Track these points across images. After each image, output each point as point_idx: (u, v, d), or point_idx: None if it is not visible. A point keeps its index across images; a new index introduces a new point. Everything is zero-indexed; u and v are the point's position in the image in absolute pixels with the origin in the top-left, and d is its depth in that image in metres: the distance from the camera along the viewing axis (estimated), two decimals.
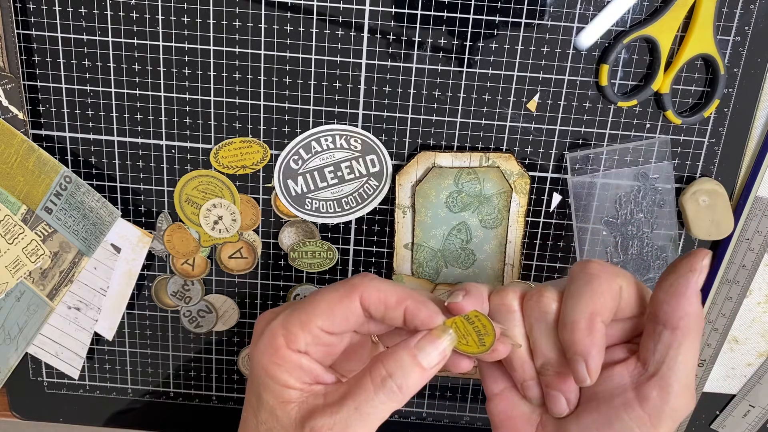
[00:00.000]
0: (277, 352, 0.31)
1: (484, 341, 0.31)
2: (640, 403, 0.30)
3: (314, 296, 0.32)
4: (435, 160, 0.43)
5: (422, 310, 0.31)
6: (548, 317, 0.32)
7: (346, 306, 0.31)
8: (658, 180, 0.43)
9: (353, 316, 0.32)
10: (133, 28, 0.41)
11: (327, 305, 0.32)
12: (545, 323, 0.32)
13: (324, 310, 0.31)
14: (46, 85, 0.43)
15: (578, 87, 0.42)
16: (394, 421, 0.51)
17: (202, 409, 0.51)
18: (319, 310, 0.31)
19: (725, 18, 0.40)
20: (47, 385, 0.51)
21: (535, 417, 0.34)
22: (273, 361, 0.31)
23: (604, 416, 0.31)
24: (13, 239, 0.43)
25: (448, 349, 0.31)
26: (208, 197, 0.45)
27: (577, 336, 0.30)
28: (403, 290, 0.32)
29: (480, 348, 0.31)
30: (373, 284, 0.32)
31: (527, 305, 0.33)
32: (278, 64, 0.42)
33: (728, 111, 0.42)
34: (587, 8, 0.40)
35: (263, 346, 0.32)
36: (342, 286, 0.32)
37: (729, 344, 0.48)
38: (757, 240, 0.44)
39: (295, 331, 0.31)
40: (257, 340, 0.32)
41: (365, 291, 0.32)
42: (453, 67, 0.41)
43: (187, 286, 0.48)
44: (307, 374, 0.31)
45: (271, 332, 0.32)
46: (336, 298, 0.32)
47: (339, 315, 0.31)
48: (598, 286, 0.31)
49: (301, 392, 0.31)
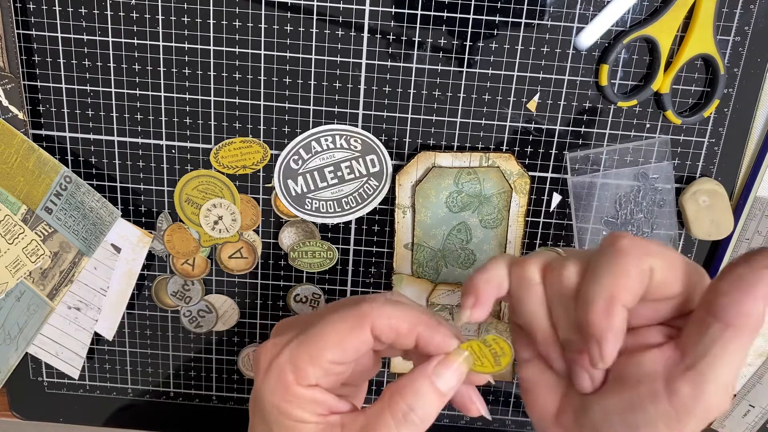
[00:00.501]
0: (288, 389, 0.30)
1: (500, 361, 0.30)
2: (669, 396, 0.28)
3: (322, 326, 0.31)
4: (435, 160, 0.43)
5: (435, 336, 0.30)
6: (569, 292, 0.30)
7: (356, 337, 0.30)
8: (658, 180, 0.43)
9: (364, 346, 0.30)
10: (133, 28, 0.41)
11: (337, 337, 0.30)
12: (566, 299, 0.30)
13: (334, 343, 0.30)
14: (46, 85, 0.43)
15: (578, 87, 0.42)
16: None
17: (202, 409, 0.51)
18: (329, 342, 0.30)
19: (725, 18, 0.40)
20: (47, 385, 0.51)
21: (561, 388, 0.32)
22: (284, 399, 0.30)
23: (627, 402, 0.29)
24: (13, 239, 0.43)
25: (464, 373, 0.30)
26: (208, 197, 0.45)
27: (593, 317, 0.28)
28: (414, 315, 0.31)
29: (495, 368, 0.30)
30: (384, 311, 0.30)
31: (549, 277, 0.31)
32: (278, 64, 0.42)
33: (728, 111, 0.42)
34: (587, 8, 0.40)
35: (272, 385, 0.30)
36: (351, 314, 0.30)
37: None
38: (757, 240, 0.44)
39: (304, 367, 0.30)
40: (264, 377, 0.31)
41: (376, 319, 0.30)
42: (453, 67, 0.41)
43: (187, 286, 0.48)
44: (321, 406, 0.30)
45: (279, 369, 0.30)
46: (345, 329, 0.30)
47: (350, 347, 0.30)
48: (624, 265, 0.28)
49: (317, 425, 0.30)
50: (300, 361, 0.30)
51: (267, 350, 0.31)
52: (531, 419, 0.33)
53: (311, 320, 0.31)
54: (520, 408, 0.50)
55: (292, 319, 0.34)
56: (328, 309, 0.32)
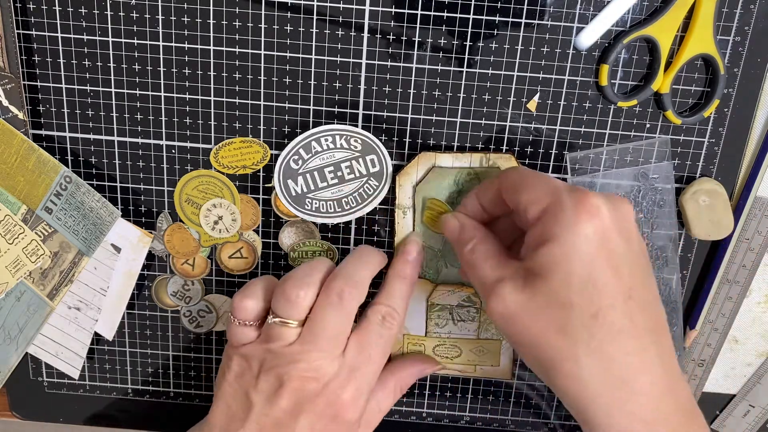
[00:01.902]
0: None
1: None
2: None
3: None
4: (435, 161, 0.43)
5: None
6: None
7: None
8: (658, 180, 0.43)
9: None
10: (133, 28, 0.41)
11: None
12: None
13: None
14: (46, 85, 0.43)
15: (578, 87, 0.42)
16: (394, 421, 0.51)
17: (202, 409, 0.51)
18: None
19: (725, 18, 0.40)
20: (47, 385, 0.51)
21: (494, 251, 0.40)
22: None
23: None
24: (13, 239, 0.43)
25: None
26: (208, 197, 0.45)
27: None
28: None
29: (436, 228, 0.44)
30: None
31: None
32: (278, 64, 0.42)
33: (728, 111, 0.42)
34: (587, 8, 0.40)
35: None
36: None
37: (729, 344, 0.48)
38: (757, 240, 0.44)
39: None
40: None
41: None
42: (453, 67, 0.41)
43: (187, 286, 0.48)
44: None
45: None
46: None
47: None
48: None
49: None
50: None
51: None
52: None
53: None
54: (520, 408, 0.50)
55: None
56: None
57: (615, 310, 0.33)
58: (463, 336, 0.47)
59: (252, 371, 0.39)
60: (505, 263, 0.37)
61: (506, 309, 0.35)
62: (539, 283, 0.34)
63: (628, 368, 0.34)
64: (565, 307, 0.33)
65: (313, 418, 0.38)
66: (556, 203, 0.34)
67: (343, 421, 0.39)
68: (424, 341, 0.47)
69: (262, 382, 0.38)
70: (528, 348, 0.35)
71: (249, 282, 0.41)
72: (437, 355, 0.48)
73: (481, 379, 0.49)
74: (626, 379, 0.33)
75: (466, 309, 0.46)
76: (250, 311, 0.40)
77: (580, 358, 0.33)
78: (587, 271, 0.33)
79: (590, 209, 0.33)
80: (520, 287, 0.35)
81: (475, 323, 0.47)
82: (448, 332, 0.47)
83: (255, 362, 0.39)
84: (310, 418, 0.38)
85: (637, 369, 0.34)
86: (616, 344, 0.33)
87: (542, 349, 0.34)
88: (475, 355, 0.48)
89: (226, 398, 0.40)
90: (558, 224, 0.34)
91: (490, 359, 0.48)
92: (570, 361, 0.34)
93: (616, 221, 0.34)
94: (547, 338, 0.34)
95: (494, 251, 0.38)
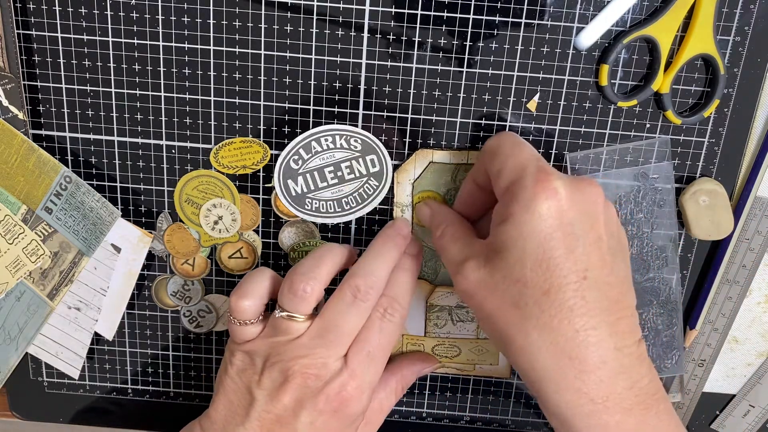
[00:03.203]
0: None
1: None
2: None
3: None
4: (432, 158, 0.43)
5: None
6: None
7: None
8: (658, 180, 0.43)
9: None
10: (133, 28, 0.41)
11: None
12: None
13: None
14: (46, 85, 0.43)
15: (578, 87, 0.42)
16: (394, 421, 0.51)
17: (202, 409, 0.51)
18: None
19: (725, 18, 0.40)
20: (47, 385, 0.51)
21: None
22: None
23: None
24: (13, 239, 0.43)
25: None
26: (208, 197, 0.45)
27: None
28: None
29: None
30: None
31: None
32: (278, 64, 0.42)
33: (728, 111, 0.42)
34: (587, 8, 0.40)
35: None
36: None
37: (729, 344, 0.48)
38: (757, 240, 0.44)
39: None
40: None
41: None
42: (453, 67, 0.41)
43: (187, 286, 0.48)
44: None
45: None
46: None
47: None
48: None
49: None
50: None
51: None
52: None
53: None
54: (520, 408, 0.50)
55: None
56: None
57: (567, 288, 0.34)
58: (462, 336, 0.47)
59: (255, 367, 0.39)
60: (471, 243, 0.38)
61: (468, 285, 0.36)
62: (497, 260, 0.35)
63: (578, 346, 0.34)
64: (519, 283, 0.34)
65: (314, 415, 0.38)
66: (519, 181, 0.35)
67: (344, 418, 0.39)
68: (423, 341, 0.47)
69: (266, 379, 0.38)
70: (487, 322, 0.37)
71: (243, 279, 0.41)
72: (437, 354, 0.48)
73: (481, 379, 0.49)
74: (574, 356, 0.34)
75: (465, 309, 0.46)
76: (249, 312, 0.40)
77: (530, 332, 0.34)
78: (541, 250, 0.34)
79: (547, 190, 0.34)
80: (482, 264, 0.36)
81: (474, 323, 0.47)
82: (447, 332, 0.47)
83: (259, 358, 0.39)
84: (311, 414, 0.38)
85: (586, 347, 0.34)
86: (565, 321, 0.34)
87: (499, 324, 0.36)
88: (475, 354, 0.48)
89: (227, 393, 0.40)
90: (517, 203, 0.35)
91: (489, 358, 0.48)
92: (521, 334, 0.35)
93: (576, 203, 0.35)
94: (503, 312, 0.35)
95: (462, 233, 0.39)
